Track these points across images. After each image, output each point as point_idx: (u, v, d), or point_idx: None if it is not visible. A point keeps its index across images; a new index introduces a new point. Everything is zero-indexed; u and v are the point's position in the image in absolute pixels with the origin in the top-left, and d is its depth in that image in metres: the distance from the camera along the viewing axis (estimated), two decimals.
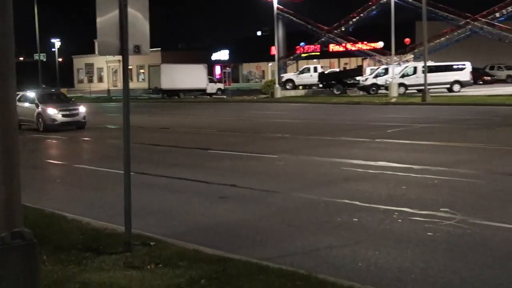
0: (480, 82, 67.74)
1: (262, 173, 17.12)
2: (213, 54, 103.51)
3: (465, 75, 57.70)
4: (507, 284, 7.87)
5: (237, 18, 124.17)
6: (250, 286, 7.60)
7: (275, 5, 65.40)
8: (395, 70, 57.97)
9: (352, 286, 7.56)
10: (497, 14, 58.17)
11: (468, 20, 60.50)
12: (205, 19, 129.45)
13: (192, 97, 72.88)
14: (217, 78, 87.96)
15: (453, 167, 16.60)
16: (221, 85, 79.45)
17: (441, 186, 14.26)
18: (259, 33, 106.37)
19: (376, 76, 61.51)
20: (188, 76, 73.78)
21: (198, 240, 10.08)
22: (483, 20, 59.26)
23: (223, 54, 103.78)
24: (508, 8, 56.89)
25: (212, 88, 75.91)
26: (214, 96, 73.31)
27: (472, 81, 59.36)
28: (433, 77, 52.69)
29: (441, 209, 11.77)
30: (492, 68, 74.94)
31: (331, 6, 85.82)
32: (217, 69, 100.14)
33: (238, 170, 17.89)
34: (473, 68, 60.16)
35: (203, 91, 74.64)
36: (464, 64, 57.87)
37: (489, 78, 71.69)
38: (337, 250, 9.51)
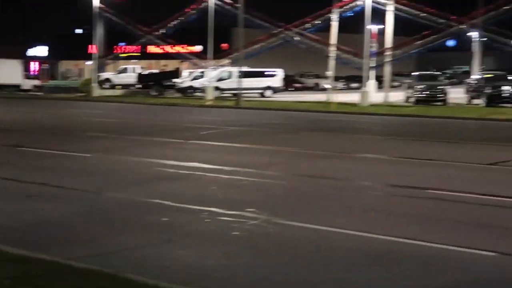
0: (291, 89, 70.27)
1: (75, 172, 16.91)
2: (30, 49, 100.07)
3: (277, 81, 59.90)
4: (304, 280, 8.29)
5: (56, 14, 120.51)
6: (54, 285, 7.55)
7: (95, 3, 64.33)
8: (212, 74, 58.83)
9: (157, 284, 7.64)
10: (308, 25, 60.32)
11: (282, 29, 62.30)
12: (23, 13, 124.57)
13: (6, 92, 70.16)
14: (33, 74, 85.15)
15: (260, 169, 17.21)
16: (37, 82, 77.05)
17: (249, 187, 14.79)
18: (79, 30, 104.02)
19: (193, 79, 62.13)
20: (2, 71, 71.18)
21: (3, 240, 9.84)
22: (295, 30, 61.32)
23: (41, 50, 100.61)
24: (317, 20, 59.29)
25: (27, 84, 73.51)
26: (30, 93, 71.00)
27: (284, 87, 61.61)
28: (247, 82, 53.59)
29: (247, 209, 12.19)
30: (302, 75, 78.25)
31: (154, 8, 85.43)
32: (34, 65, 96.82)
33: (50, 168, 17.55)
34: (285, 75, 62.41)
35: (17, 87, 72.14)
36: (276, 71, 59.97)
37: (299, 85, 74.79)
38: (145, 250, 9.60)
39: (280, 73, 59.99)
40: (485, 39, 53.67)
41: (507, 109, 41.71)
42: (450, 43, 60.43)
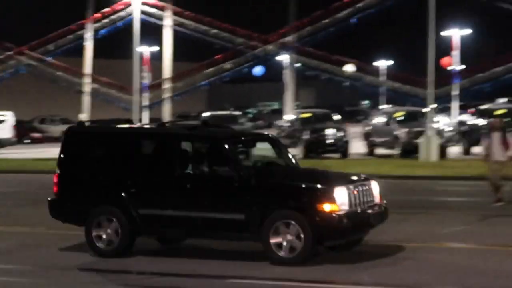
0: (28, 141, 54.75)
1: None
2: None
3: (5, 130, 44.03)
4: None
5: None
6: None
7: None
8: None
9: None
10: (51, 47, 47.17)
11: (12, 52, 48.13)
12: None
13: None
14: None
15: None
16: None
17: None
18: None
19: None
20: None
21: None
22: (33, 53, 47.62)
23: None
24: (66, 38, 46.32)
25: None
26: None
27: (16, 139, 45.97)
28: None
29: None
30: (43, 121, 61.87)
31: None
32: None
33: None
34: (17, 121, 46.43)
35: None
36: (3, 115, 48.22)
37: (39, 135, 58.92)
38: None
39: (9, 118, 45.61)
40: (298, 64, 44.92)
41: (332, 160, 33.44)
42: (257, 71, 49.67)
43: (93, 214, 13.57)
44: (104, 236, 13.56)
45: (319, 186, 12.72)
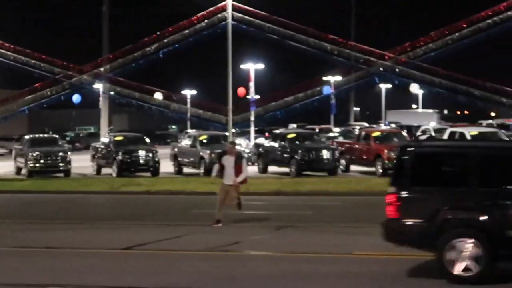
0: None
1: None
2: None
3: None
4: None
5: None
6: None
7: None
8: None
9: None
10: None
11: None
12: None
13: None
14: None
15: None
16: None
17: None
18: None
19: None
20: None
21: None
22: None
23: None
24: None
25: None
26: None
27: None
28: None
29: None
30: None
31: None
32: None
33: None
34: None
35: None
36: None
37: None
38: None
39: None
40: (112, 93, 47.14)
41: (144, 178, 36.03)
42: (75, 98, 49.80)
43: (448, 237, 12.25)
44: (461, 261, 12.19)
45: None
